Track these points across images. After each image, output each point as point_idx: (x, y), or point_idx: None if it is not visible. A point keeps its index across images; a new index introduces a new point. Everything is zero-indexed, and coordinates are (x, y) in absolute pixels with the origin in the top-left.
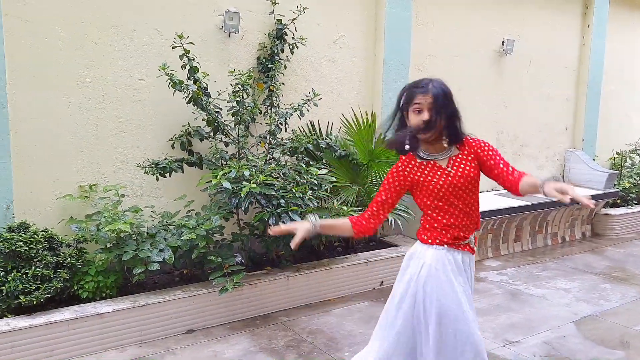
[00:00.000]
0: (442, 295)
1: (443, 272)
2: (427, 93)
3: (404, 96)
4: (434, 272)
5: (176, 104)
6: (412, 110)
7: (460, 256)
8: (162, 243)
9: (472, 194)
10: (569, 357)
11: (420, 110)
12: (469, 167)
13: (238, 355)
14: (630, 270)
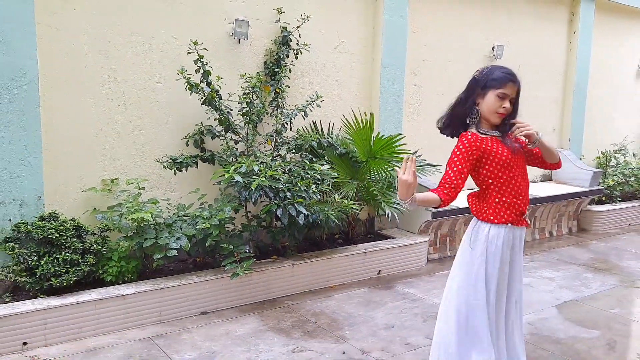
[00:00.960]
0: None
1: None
2: (514, 85)
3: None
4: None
5: (190, 105)
6: (497, 94)
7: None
8: (178, 232)
9: (525, 168)
10: (549, 336)
11: (504, 97)
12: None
13: (248, 333)
14: (612, 262)
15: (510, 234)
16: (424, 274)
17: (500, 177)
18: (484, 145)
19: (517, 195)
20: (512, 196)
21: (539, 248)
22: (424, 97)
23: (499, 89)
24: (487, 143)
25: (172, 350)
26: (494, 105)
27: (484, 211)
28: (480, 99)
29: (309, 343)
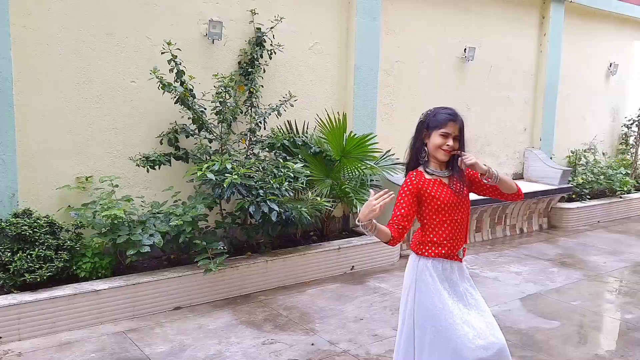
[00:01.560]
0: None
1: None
2: (456, 123)
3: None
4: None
5: (164, 104)
6: (440, 134)
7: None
8: (152, 229)
9: (466, 209)
10: (511, 326)
11: (447, 136)
12: (465, 186)
13: (220, 327)
14: (578, 257)
15: (439, 266)
16: (396, 269)
17: (434, 220)
18: (425, 186)
19: (449, 237)
20: (443, 238)
21: (510, 244)
22: (397, 98)
23: (441, 129)
24: (429, 185)
25: (144, 344)
26: (438, 143)
27: (416, 243)
28: (427, 139)
29: (279, 336)
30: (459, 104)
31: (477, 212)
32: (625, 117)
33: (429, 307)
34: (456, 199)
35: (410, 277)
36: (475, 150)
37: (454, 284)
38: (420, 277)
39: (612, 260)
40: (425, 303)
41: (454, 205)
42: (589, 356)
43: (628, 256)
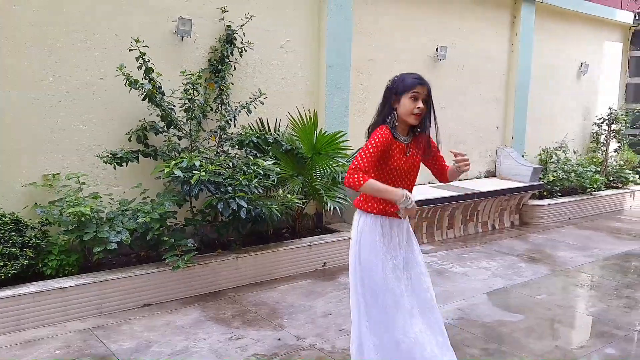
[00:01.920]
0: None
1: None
2: (424, 86)
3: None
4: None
5: (133, 101)
6: (409, 97)
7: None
8: (119, 226)
9: (416, 174)
10: (476, 320)
11: (417, 98)
12: (420, 154)
13: (189, 323)
14: (546, 252)
15: (382, 222)
16: None
17: (386, 181)
18: (391, 146)
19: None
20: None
21: (481, 240)
22: (370, 96)
23: (411, 91)
24: (393, 147)
25: (111, 340)
26: (410, 107)
27: (362, 200)
28: (397, 104)
29: (246, 331)
30: None
31: (449, 209)
32: (596, 116)
33: (371, 260)
34: (409, 165)
35: (355, 234)
36: (448, 149)
37: (395, 241)
38: (364, 232)
39: (579, 256)
40: (367, 257)
41: (407, 171)
42: (549, 348)
43: (595, 251)
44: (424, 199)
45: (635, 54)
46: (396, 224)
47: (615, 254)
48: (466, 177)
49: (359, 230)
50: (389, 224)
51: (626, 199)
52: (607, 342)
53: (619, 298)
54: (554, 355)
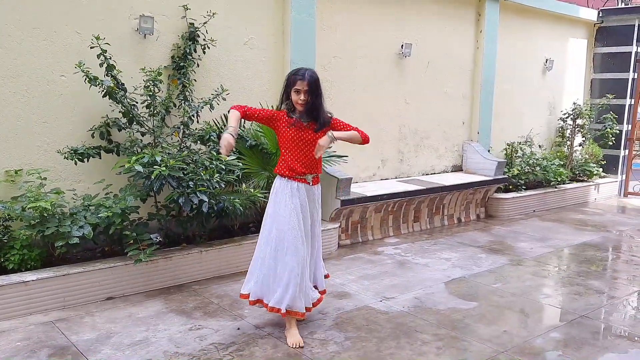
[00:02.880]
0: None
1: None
2: (303, 80)
3: (288, 79)
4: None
5: (96, 98)
6: (294, 91)
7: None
8: (82, 220)
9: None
10: (431, 307)
11: (299, 91)
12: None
13: (150, 315)
14: (507, 244)
15: (291, 185)
16: (333, 259)
17: (285, 146)
18: (280, 120)
19: (294, 160)
20: (291, 160)
21: (446, 233)
22: (335, 92)
23: (294, 87)
24: (284, 122)
25: (72, 332)
26: (294, 99)
27: (277, 166)
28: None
29: (207, 322)
30: (397, 98)
31: (415, 202)
32: (562, 111)
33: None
34: (303, 138)
35: (271, 193)
36: (414, 144)
37: (302, 203)
38: (277, 192)
39: (538, 246)
40: (276, 211)
41: (300, 142)
42: (497, 333)
43: (554, 242)
44: (389, 192)
45: (600, 50)
46: (304, 188)
47: (573, 244)
48: (433, 171)
49: (274, 189)
50: (297, 187)
51: (590, 191)
52: (553, 327)
53: (571, 286)
54: (500, 340)
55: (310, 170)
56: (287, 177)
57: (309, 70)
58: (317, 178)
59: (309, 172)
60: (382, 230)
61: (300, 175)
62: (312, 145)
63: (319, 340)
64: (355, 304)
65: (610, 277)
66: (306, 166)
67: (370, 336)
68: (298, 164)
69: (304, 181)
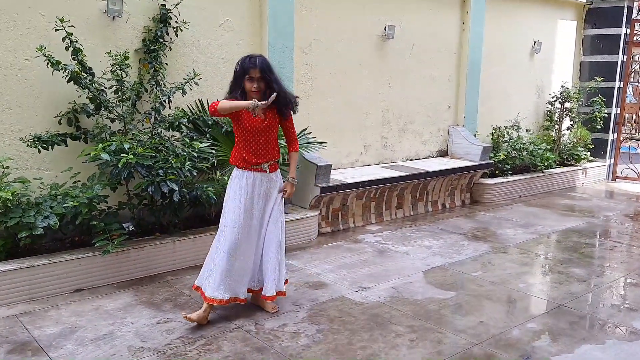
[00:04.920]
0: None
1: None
2: (255, 67)
3: (240, 67)
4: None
5: (62, 83)
6: (247, 79)
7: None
8: (47, 210)
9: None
10: (407, 298)
11: (252, 79)
12: (272, 118)
13: (118, 308)
14: (491, 230)
15: (246, 175)
16: (312, 247)
17: (241, 136)
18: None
19: (250, 151)
20: (245, 150)
21: (429, 220)
22: (316, 76)
23: (246, 75)
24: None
25: (35, 327)
26: (248, 87)
27: (232, 157)
28: (243, 83)
29: (176, 315)
30: (380, 82)
31: (398, 188)
32: (549, 95)
33: (227, 206)
34: (260, 126)
35: (228, 184)
36: (398, 129)
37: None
38: (232, 183)
39: (522, 233)
40: (226, 203)
41: (258, 131)
42: (473, 324)
43: (538, 228)
44: (371, 179)
45: (589, 32)
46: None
47: (558, 230)
48: (418, 157)
49: (230, 180)
50: (253, 176)
51: (578, 176)
52: (530, 317)
53: (552, 273)
54: (476, 331)
55: (266, 159)
56: (243, 168)
57: (260, 56)
58: (274, 165)
59: (265, 160)
60: (363, 217)
61: (256, 165)
62: (269, 131)
63: (290, 333)
64: (330, 295)
65: (593, 265)
66: (263, 154)
67: (343, 328)
68: (253, 154)
69: (261, 170)
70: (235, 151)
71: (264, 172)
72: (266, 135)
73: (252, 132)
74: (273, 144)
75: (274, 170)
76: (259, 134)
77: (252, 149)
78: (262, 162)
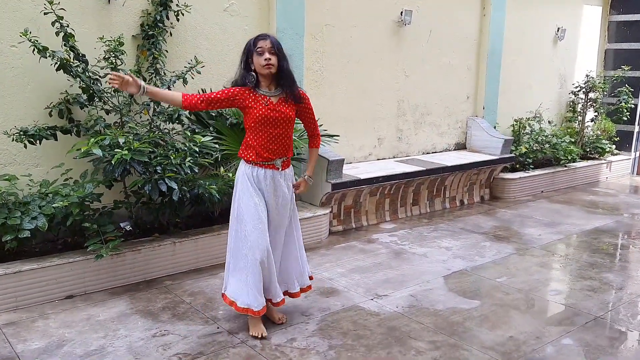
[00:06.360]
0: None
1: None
2: (266, 39)
3: (248, 44)
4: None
5: (53, 71)
6: (256, 52)
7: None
8: (35, 210)
9: (286, 126)
10: (428, 308)
11: (263, 52)
12: (290, 107)
13: (112, 317)
14: (513, 230)
15: (254, 172)
16: (322, 248)
17: (252, 127)
18: (245, 98)
19: (263, 144)
20: (258, 144)
21: (447, 217)
22: (327, 64)
23: (256, 48)
24: (250, 98)
25: (19, 340)
26: (258, 61)
27: (242, 148)
28: (252, 63)
29: (174, 326)
30: (395, 70)
31: (414, 184)
32: (573, 84)
33: (241, 207)
34: (274, 114)
35: (236, 179)
36: (414, 120)
37: (268, 191)
38: (240, 180)
39: (547, 233)
40: (239, 202)
41: (271, 120)
42: (502, 339)
43: (564, 227)
44: (385, 174)
45: (615, 19)
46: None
47: (585, 230)
48: (434, 150)
49: (237, 176)
50: (264, 173)
51: (602, 170)
52: (565, 332)
53: (583, 279)
54: (505, 348)
55: (279, 154)
56: (253, 163)
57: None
58: (287, 161)
59: (278, 156)
60: (377, 215)
61: (267, 161)
62: (285, 123)
63: (299, 349)
64: (343, 303)
65: (628, 269)
66: (276, 150)
67: (358, 344)
68: (265, 148)
69: (272, 167)
70: (244, 143)
71: (275, 169)
72: (280, 127)
73: (264, 123)
74: (287, 138)
75: (286, 167)
76: (271, 125)
77: (263, 143)
78: (275, 158)
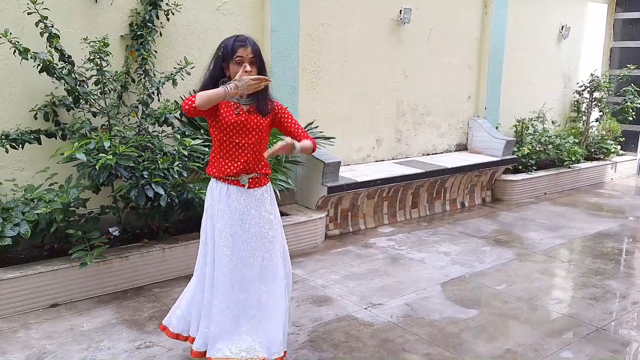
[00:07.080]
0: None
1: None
2: (246, 47)
3: (224, 48)
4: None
5: (39, 74)
6: (234, 62)
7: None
8: (18, 217)
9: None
10: (423, 318)
11: (242, 62)
12: (264, 117)
13: (96, 328)
14: (515, 234)
15: (218, 189)
16: (318, 252)
17: (219, 136)
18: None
19: (229, 158)
20: (223, 155)
21: (447, 220)
22: (324, 64)
23: (234, 56)
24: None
25: None
26: (237, 71)
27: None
28: (227, 70)
29: (160, 337)
30: (395, 70)
31: (413, 187)
32: (577, 84)
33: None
34: (244, 123)
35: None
36: (414, 121)
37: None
38: (206, 200)
39: (549, 237)
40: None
41: (241, 128)
42: (499, 351)
43: (567, 231)
44: (383, 177)
45: (621, 16)
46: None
47: (589, 233)
48: (435, 151)
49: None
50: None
51: (607, 171)
52: (565, 344)
53: (585, 287)
54: None
55: (246, 170)
56: (216, 179)
57: (249, 37)
58: (259, 180)
59: (245, 171)
60: (375, 218)
61: (231, 175)
62: (256, 132)
63: None
64: (336, 313)
65: (633, 277)
66: (243, 162)
67: (350, 357)
68: (231, 159)
69: (237, 183)
70: (210, 157)
71: (241, 186)
72: (251, 136)
73: (232, 130)
74: (258, 152)
75: (258, 186)
76: (241, 133)
77: (229, 154)
78: (240, 173)
